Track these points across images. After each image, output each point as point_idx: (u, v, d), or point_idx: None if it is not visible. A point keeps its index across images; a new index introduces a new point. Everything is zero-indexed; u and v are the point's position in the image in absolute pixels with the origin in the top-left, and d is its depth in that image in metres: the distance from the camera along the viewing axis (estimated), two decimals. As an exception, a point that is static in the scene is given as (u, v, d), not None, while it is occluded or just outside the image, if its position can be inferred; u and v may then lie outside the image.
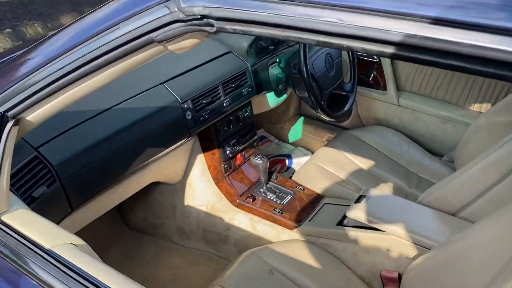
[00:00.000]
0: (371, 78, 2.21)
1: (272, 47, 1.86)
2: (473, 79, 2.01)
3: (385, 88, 2.19)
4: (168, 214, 1.80)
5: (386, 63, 2.13)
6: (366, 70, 2.21)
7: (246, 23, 0.59)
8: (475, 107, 2.03)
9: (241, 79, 1.64)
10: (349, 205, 1.61)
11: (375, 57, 2.17)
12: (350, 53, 1.96)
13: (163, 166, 1.57)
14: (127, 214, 1.97)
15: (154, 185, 1.77)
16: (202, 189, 1.70)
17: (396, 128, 2.19)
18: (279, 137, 2.58)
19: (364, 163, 1.92)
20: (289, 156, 2.40)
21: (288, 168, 2.32)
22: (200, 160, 1.68)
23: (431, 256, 1.21)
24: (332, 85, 1.85)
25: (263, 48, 1.82)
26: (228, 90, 1.58)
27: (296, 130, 2.50)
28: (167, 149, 1.43)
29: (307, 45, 1.66)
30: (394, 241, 1.37)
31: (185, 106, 1.42)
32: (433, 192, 1.48)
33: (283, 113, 2.53)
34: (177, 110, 1.39)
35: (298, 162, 2.33)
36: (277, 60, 1.77)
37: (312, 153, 2.44)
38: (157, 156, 1.41)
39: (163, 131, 1.35)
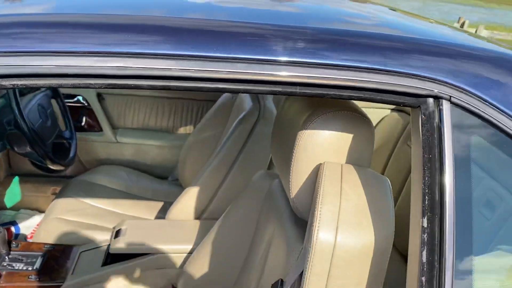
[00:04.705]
0: (84, 122, 2.26)
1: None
2: (174, 107, 2.36)
3: (100, 129, 2.28)
4: None
5: (95, 105, 2.23)
6: (78, 116, 2.24)
7: (28, 77, 0.62)
8: (182, 130, 2.39)
9: None
10: (107, 245, 1.65)
11: (83, 101, 2.23)
12: (60, 100, 1.96)
13: None
14: None
15: None
16: None
17: (121, 164, 2.31)
18: (-6, 205, 2.26)
19: (105, 203, 1.96)
20: (13, 223, 2.15)
21: (17, 235, 2.08)
22: None
23: (195, 259, 1.41)
24: (52, 135, 1.81)
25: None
26: None
27: (13, 193, 2.26)
28: None
29: (18, 98, 1.58)
30: (159, 259, 1.51)
31: None
32: (174, 207, 1.70)
33: (-8, 178, 2.24)
34: None
35: (27, 225, 2.13)
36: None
37: (40, 211, 2.27)
38: None
39: None
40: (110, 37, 0.63)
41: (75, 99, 2.22)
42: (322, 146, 0.85)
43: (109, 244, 1.62)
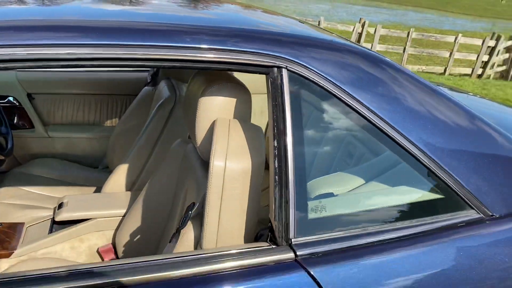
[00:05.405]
0: (16, 121, 2.46)
1: None
2: (100, 103, 2.63)
3: (32, 126, 2.49)
4: None
5: (26, 104, 2.44)
6: (10, 115, 2.44)
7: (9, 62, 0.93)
8: (108, 123, 2.67)
9: None
10: (51, 218, 1.91)
11: (14, 101, 2.44)
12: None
13: None
14: None
15: None
16: None
17: (54, 157, 2.54)
18: None
19: (42, 190, 2.19)
20: (-48, 217, 2.30)
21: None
22: None
23: (129, 219, 1.73)
24: (-8, 130, 2.03)
25: None
26: None
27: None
28: None
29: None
30: (98, 223, 1.81)
31: None
32: (108, 183, 2.00)
33: None
34: None
35: (-33, 218, 2.29)
36: None
37: (-23, 206, 2.43)
38: None
39: None
40: (63, 34, 0.97)
41: (6, 100, 2.41)
42: (215, 108, 1.23)
43: (53, 217, 1.88)
